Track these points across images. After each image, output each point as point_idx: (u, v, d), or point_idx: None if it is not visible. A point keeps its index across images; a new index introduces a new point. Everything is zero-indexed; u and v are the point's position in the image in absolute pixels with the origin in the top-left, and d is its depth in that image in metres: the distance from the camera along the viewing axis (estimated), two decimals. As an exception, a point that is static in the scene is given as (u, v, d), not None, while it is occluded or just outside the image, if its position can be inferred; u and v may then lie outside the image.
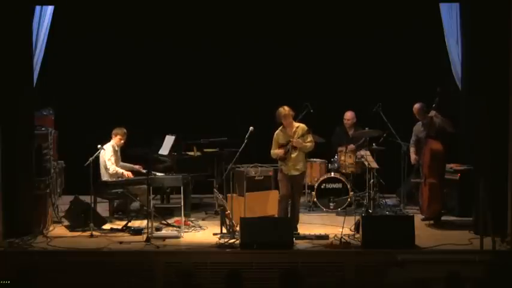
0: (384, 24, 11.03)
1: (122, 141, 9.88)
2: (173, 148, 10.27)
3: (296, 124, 8.99)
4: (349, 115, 10.75)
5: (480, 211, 8.10)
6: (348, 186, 10.32)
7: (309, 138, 8.92)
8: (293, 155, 8.87)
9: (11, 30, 8.62)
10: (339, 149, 10.59)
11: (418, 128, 9.76)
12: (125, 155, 10.13)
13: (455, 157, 10.01)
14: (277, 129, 9.02)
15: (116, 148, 9.86)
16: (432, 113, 9.34)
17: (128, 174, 9.69)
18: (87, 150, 9.15)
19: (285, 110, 8.86)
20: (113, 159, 9.69)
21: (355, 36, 11.28)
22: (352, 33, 11.26)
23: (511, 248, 8.07)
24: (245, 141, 8.95)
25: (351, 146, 10.43)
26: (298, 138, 8.84)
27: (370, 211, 9.62)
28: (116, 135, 9.84)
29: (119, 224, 9.27)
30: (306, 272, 7.17)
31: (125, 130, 9.88)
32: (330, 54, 11.34)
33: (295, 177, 8.92)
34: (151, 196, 9.08)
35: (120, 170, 9.67)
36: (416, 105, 9.58)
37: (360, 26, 11.16)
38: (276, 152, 8.93)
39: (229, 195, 9.43)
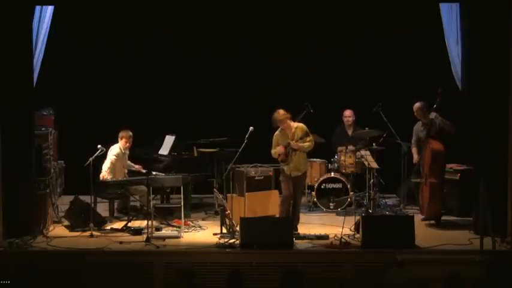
0: (383, 24, 11.03)
1: (128, 144, 9.87)
2: (173, 148, 10.27)
3: (295, 124, 8.94)
4: (348, 113, 10.75)
5: (480, 211, 8.10)
6: (348, 186, 10.32)
7: (308, 138, 8.90)
8: (294, 157, 8.86)
9: (11, 30, 8.62)
10: (339, 148, 10.59)
11: (418, 127, 9.73)
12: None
13: (455, 157, 10.02)
14: (277, 129, 8.99)
15: (123, 151, 9.85)
16: (433, 114, 9.32)
17: (104, 176, 9.58)
18: (87, 150, 9.15)
19: (279, 114, 8.78)
20: (113, 158, 9.67)
21: (355, 36, 11.28)
22: (352, 33, 11.26)
23: (511, 248, 8.07)
24: (245, 141, 8.95)
25: (351, 147, 10.42)
26: (298, 139, 8.82)
27: (370, 211, 9.62)
28: (121, 139, 9.82)
29: (119, 224, 9.27)
30: (306, 272, 7.15)
31: (131, 133, 9.85)
32: (330, 54, 11.34)
33: (297, 177, 8.91)
34: (152, 196, 9.09)
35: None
36: (417, 104, 9.55)
37: (359, 26, 11.16)
38: (276, 150, 8.90)
39: (229, 195, 9.43)
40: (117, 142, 9.85)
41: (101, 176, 9.55)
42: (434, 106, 9.33)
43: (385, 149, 10.34)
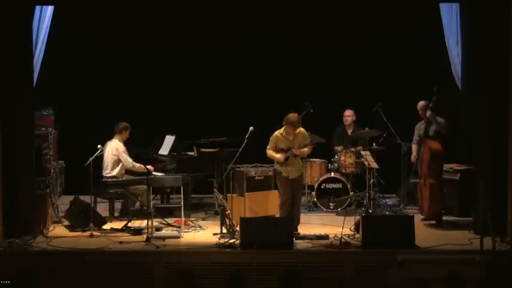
0: (384, 24, 11.03)
1: (126, 136, 9.87)
2: (173, 148, 10.27)
3: (296, 130, 8.91)
4: (348, 112, 10.76)
5: (480, 211, 8.09)
6: (348, 186, 10.32)
7: (309, 145, 8.90)
8: (294, 161, 8.84)
9: (11, 30, 8.62)
10: (338, 148, 10.59)
11: (420, 126, 9.72)
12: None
13: (455, 157, 10.01)
14: (277, 129, 8.96)
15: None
16: (428, 112, 9.34)
17: (150, 167, 9.65)
18: (87, 150, 9.15)
19: (297, 119, 8.73)
20: (124, 151, 9.68)
21: (355, 36, 11.27)
22: (352, 33, 11.26)
23: (511, 248, 8.07)
24: (245, 141, 8.94)
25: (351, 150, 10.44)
26: (300, 145, 8.77)
27: (370, 211, 9.62)
28: (126, 130, 9.78)
29: (119, 224, 9.27)
30: (306, 272, 7.15)
31: (127, 124, 9.85)
32: (330, 54, 11.34)
33: (295, 179, 8.90)
34: (152, 196, 9.08)
35: (137, 165, 9.63)
36: (421, 103, 9.54)
37: (359, 26, 11.16)
38: (274, 155, 8.85)
39: (229, 195, 9.43)
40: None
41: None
42: (430, 105, 9.34)
43: (385, 149, 10.34)
